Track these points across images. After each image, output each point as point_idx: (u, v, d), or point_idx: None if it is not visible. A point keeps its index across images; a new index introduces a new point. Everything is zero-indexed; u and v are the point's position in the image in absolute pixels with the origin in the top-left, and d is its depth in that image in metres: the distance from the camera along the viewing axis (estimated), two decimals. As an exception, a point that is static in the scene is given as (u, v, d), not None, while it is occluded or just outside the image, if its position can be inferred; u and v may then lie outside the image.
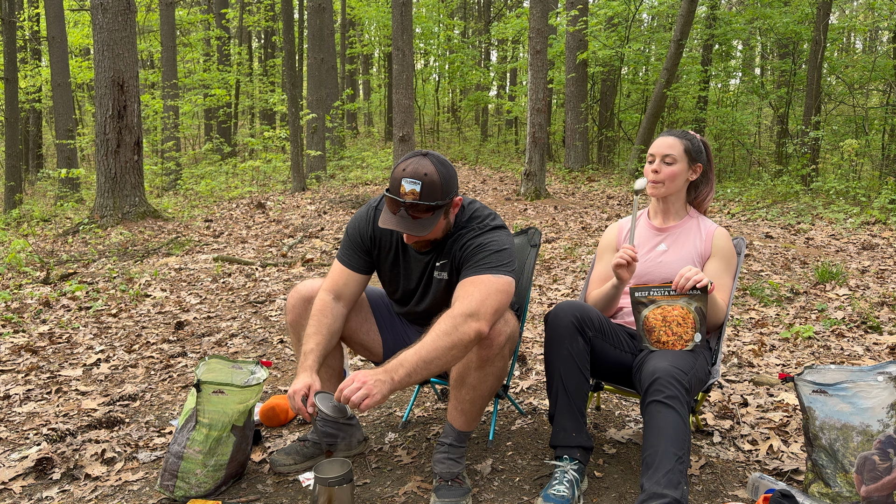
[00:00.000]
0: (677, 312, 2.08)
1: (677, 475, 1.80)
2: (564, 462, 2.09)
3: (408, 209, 1.94)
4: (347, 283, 2.20)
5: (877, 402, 1.83)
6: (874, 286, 4.64)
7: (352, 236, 2.23)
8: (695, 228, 2.35)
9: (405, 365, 1.78)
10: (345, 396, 1.73)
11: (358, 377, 1.74)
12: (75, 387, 3.26)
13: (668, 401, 1.88)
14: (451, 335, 1.83)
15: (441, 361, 1.82)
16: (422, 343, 1.82)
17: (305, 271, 5.79)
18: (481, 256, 2.00)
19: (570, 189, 11.58)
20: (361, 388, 1.72)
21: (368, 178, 12.89)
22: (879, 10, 13.55)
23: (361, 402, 1.71)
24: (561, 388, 2.10)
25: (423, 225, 1.96)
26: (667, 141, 2.30)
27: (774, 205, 9.07)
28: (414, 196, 1.92)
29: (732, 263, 2.31)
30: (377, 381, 1.74)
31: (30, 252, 6.87)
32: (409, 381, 1.80)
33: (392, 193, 1.95)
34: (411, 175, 1.92)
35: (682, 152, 2.28)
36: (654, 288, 2.11)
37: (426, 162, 1.95)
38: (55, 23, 12.35)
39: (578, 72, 14.13)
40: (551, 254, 6.15)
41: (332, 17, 15.97)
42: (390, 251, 2.22)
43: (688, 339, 2.08)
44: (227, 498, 2.18)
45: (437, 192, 1.94)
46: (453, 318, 1.86)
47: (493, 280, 1.95)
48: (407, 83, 10.97)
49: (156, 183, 14.20)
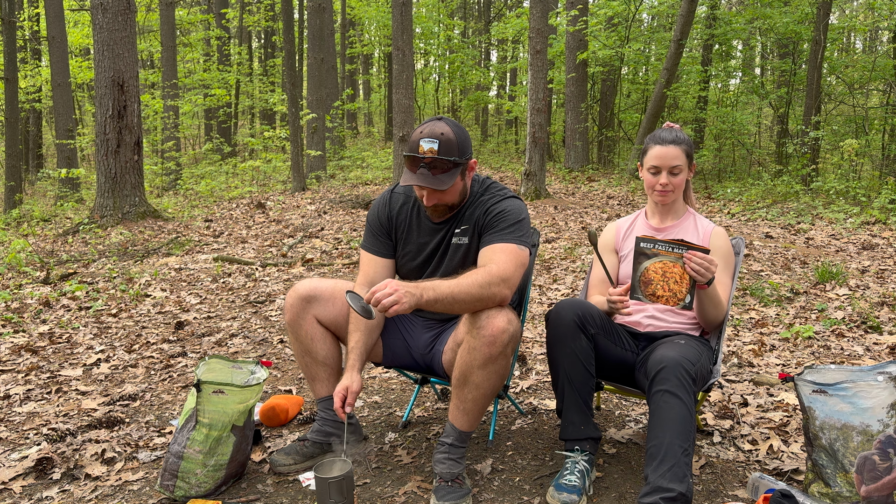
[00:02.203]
0: (677, 270, 2.10)
1: (683, 468, 1.80)
2: (575, 453, 2.13)
3: (428, 166, 2.04)
4: (378, 271, 2.30)
5: (877, 402, 1.83)
6: (874, 286, 4.64)
7: (372, 221, 2.34)
8: (692, 227, 2.36)
9: (436, 291, 1.88)
10: (376, 298, 1.80)
11: (391, 284, 1.83)
12: (75, 387, 3.26)
13: (675, 390, 1.88)
14: (484, 289, 1.94)
15: (464, 306, 1.94)
16: (457, 281, 1.93)
17: (305, 271, 5.79)
18: (506, 224, 2.12)
19: (570, 189, 11.58)
20: (393, 294, 1.80)
21: (368, 178, 12.89)
22: (879, 10, 13.54)
23: (390, 306, 1.79)
24: (567, 384, 2.12)
25: (442, 181, 2.06)
26: (671, 152, 2.26)
27: (774, 205, 9.06)
28: (432, 153, 2.03)
29: (731, 262, 2.31)
30: (407, 291, 1.82)
31: (30, 252, 6.87)
32: (432, 307, 1.89)
33: (411, 151, 2.06)
34: (428, 135, 2.05)
35: (685, 158, 2.29)
36: (661, 242, 2.11)
37: (441, 124, 2.09)
38: (55, 23, 12.35)
39: (578, 72, 14.13)
40: (551, 254, 6.15)
41: (332, 17, 15.97)
42: (407, 226, 2.31)
43: (681, 298, 2.10)
44: (227, 498, 2.18)
45: (453, 149, 2.05)
46: (490, 275, 1.97)
47: (519, 252, 2.08)
48: (407, 83, 10.97)
49: (156, 183, 14.20)
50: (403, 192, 2.35)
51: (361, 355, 2.17)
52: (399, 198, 2.35)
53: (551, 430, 2.63)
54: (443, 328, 2.35)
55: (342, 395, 2.06)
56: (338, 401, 2.06)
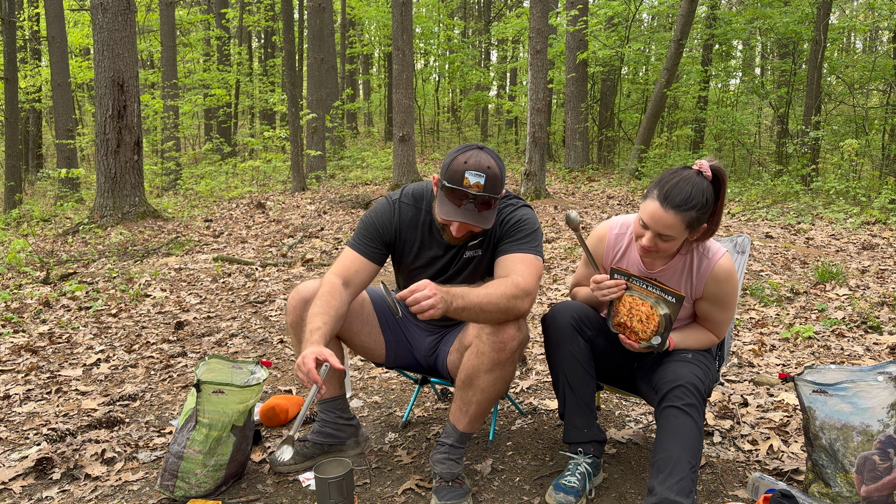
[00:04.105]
0: (644, 309, 1.99)
1: (689, 483, 1.80)
2: (579, 455, 2.11)
3: (474, 201, 1.94)
4: (359, 271, 2.15)
5: (877, 402, 1.83)
6: (874, 286, 4.63)
7: (371, 227, 2.18)
8: (687, 266, 2.06)
9: (465, 299, 1.84)
10: (415, 298, 1.75)
11: (430, 286, 1.77)
12: (75, 387, 3.26)
13: (686, 408, 1.87)
14: (510, 301, 1.90)
15: (489, 317, 1.90)
16: (486, 292, 1.88)
17: (305, 271, 5.79)
18: (524, 234, 2.07)
19: (570, 189, 11.58)
20: (431, 297, 1.75)
21: (368, 178, 12.89)
22: (879, 10, 13.54)
23: (426, 311, 1.74)
24: (567, 387, 2.11)
25: (486, 218, 1.98)
26: (666, 219, 1.88)
27: (774, 205, 9.06)
28: (479, 188, 1.93)
29: (728, 301, 2.06)
30: (442, 298, 1.78)
31: (30, 252, 6.87)
32: (458, 315, 1.85)
33: (456, 184, 1.93)
34: (475, 168, 1.93)
35: (683, 228, 1.91)
36: (635, 277, 2.02)
37: (485, 156, 1.97)
38: (55, 23, 12.35)
39: (578, 72, 14.13)
40: (551, 254, 6.15)
41: (332, 17, 15.97)
42: (414, 245, 2.21)
43: (643, 338, 2.00)
44: (227, 498, 2.18)
45: (498, 185, 1.97)
46: (518, 287, 1.92)
47: (537, 263, 2.04)
48: (407, 83, 10.97)
49: (156, 183, 14.20)
50: (412, 204, 2.19)
51: (326, 336, 1.95)
52: (408, 210, 2.19)
53: (551, 430, 2.63)
54: (444, 333, 2.35)
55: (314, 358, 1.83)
56: (309, 363, 1.82)
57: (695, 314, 2.16)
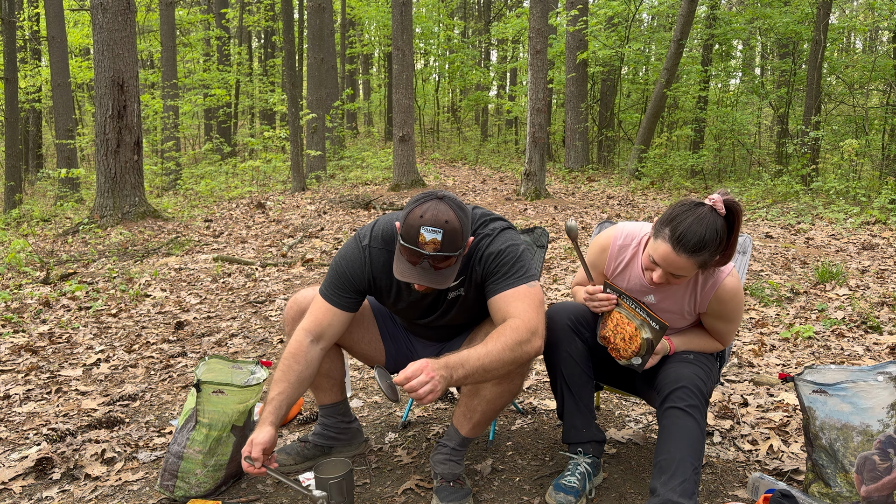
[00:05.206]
0: (629, 329, 2.00)
1: (692, 485, 1.80)
2: (578, 455, 2.12)
3: (430, 261, 1.79)
4: (332, 324, 2.04)
5: (877, 402, 1.83)
6: (874, 286, 4.63)
7: (342, 277, 2.03)
8: (692, 282, 2.03)
9: (466, 367, 1.74)
10: (411, 386, 1.66)
11: (426, 369, 1.68)
12: (75, 387, 3.26)
13: (689, 409, 1.87)
14: (516, 350, 1.79)
15: (498, 372, 1.80)
16: (486, 351, 1.77)
17: (305, 271, 5.79)
18: (507, 266, 1.91)
19: (570, 189, 11.58)
20: (429, 382, 1.66)
21: (368, 178, 12.89)
22: (879, 10, 13.54)
23: (426, 395, 1.66)
24: (565, 388, 2.11)
25: (445, 276, 1.83)
26: (678, 262, 1.85)
27: (774, 205, 9.06)
28: (435, 246, 1.76)
29: (734, 317, 2.05)
30: (442, 376, 1.69)
31: (30, 252, 6.87)
32: (463, 383, 1.79)
33: (409, 243, 1.78)
34: (431, 223, 1.75)
35: (696, 267, 1.89)
36: (626, 295, 2.03)
37: (444, 207, 1.78)
38: (55, 23, 12.35)
39: (578, 72, 14.13)
40: (551, 254, 6.15)
41: (332, 17, 15.97)
42: (391, 290, 2.08)
43: (624, 356, 2.03)
44: (227, 498, 2.18)
45: (458, 239, 1.79)
46: (518, 332, 1.80)
47: (533, 293, 1.89)
48: (407, 83, 10.98)
49: (156, 183, 14.20)
50: (383, 248, 2.02)
51: (279, 409, 1.92)
52: (379, 255, 2.02)
53: (551, 430, 2.63)
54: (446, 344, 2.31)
55: (262, 447, 1.86)
56: (256, 453, 1.85)
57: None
